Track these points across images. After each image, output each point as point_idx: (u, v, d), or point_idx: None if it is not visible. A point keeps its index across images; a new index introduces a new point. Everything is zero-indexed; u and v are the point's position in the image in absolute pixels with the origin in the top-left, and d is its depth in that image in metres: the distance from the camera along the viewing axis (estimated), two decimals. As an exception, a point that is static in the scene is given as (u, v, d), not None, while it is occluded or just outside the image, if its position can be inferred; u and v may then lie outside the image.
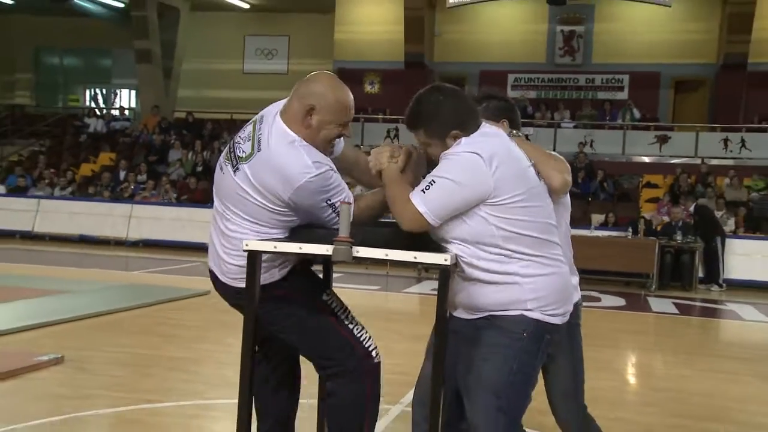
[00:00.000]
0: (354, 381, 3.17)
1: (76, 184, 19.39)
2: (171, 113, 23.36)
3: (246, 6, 23.94)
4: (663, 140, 19.34)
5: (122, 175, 19.45)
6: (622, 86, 21.76)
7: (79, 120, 24.28)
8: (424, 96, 2.97)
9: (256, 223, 3.10)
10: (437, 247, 2.92)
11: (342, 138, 3.27)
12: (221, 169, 3.24)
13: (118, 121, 24.70)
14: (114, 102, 28.20)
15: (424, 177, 2.91)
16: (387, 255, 2.88)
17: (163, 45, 23.57)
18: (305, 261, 3.25)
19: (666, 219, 14.98)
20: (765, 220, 15.44)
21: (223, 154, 3.27)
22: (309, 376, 3.54)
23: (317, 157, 3.05)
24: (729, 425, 5.40)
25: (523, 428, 3.08)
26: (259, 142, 3.10)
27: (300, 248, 2.97)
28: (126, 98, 27.90)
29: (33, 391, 5.28)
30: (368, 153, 3.16)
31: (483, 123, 2.98)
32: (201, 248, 11.11)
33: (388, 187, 2.95)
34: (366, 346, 3.21)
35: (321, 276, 3.48)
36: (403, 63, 21.77)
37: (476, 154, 2.79)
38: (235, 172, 3.13)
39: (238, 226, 3.14)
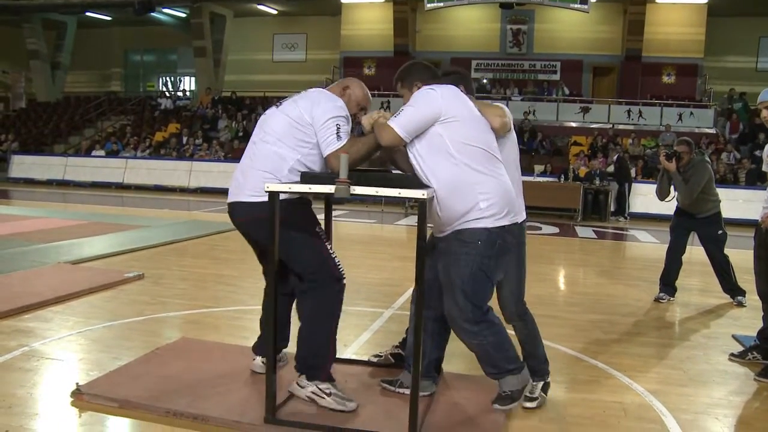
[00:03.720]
0: (328, 290, 3.12)
1: (152, 148, 19.29)
2: (219, 93, 23.10)
3: (274, 12, 23.70)
4: (585, 110, 19.32)
5: (184, 139, 19.38)
6: (556, 70, 21.50)
7: (154, 100, 24.15)
8: (406, 64, 3.30)
9: (280, 141, 3.10)
10: (417, 186, 2.87)
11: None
12: (265, 114, 3.31)
13: (182, 100, 24.64)
14: (179, 86, 27.94)
15: None
16: (377, 191, 2.82)
17: (214, 43, 23.40)
18: (306, 201, 3.21)
19: (584, 168, 14.94)
20: (656, 169, 15.48)
21: (268, 109, 3.35)
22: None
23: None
24: (629, 316, 5.42)
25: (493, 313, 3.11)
26: (305, 91, 3.26)
27: (310, 188, 2.89)
28: (187, 83, 27.58)
29: (124, 299, 5.26)
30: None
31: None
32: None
33: (377, 125, 3.03)
34: (340, 270, 3.17)
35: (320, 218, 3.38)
36: (392, 52, 21.57)
37: (431, 89, 3.00)
38: (278, 107, 3.24)
39: (267, 143, 3.14)
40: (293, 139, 3.09)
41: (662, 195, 5.99)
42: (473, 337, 3.01)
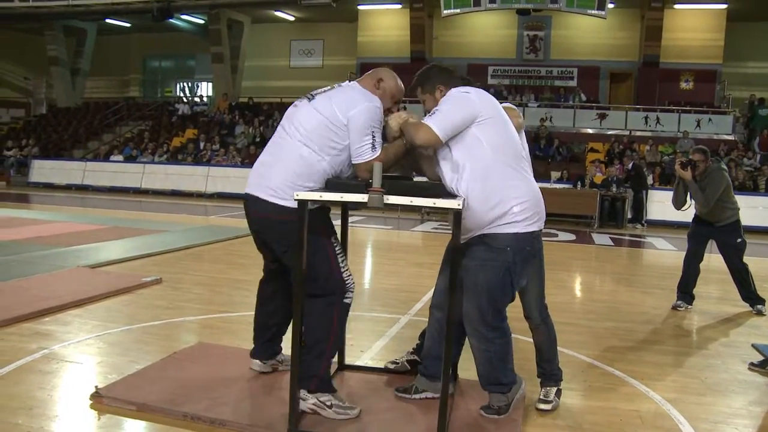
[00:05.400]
0: (329, 303, 3.06)
1: (169, 153, 19.42)
2: (237, 99, 23.28)
3: (292, 18, 23.85)
4: (602, 117, 19.25)
5: (202, 145, 19.52)
6: (573, 76, 21.48)
7: (171, 106, 24.33)
8: (423, 68, 3.24)
9: (310, 140, 3.00)
10: (449, 195, 2.87)
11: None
12: (295, 105, 3.19)
13: (199, 105, 24.80)
14: (196, 92, 28.14)
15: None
16: (411, 201, 2.76)
17: (232, 49, 23.61)
18: (325, 207, 3.14)
19: (599, 175, 14.87)
20: (673, 176, 15.36)
21: (298, 100, 3.23)
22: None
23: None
24: (646, 324, 5.38)
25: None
26: (339, 84, 3.17)
27: (342, 197, 2.82)
28: (205, 89, 27.82)
29: (141, 303, 5.30)
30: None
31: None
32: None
33: (410, 124, 2.98)
34: (347, 284, 3.09)
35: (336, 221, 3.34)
36: (409, 59, 21.58)
37: (465, 91, 2.98)
38: (310, 100, 3.11)
39: (295, 139, 3.04)
40: (323, 139, 2.99)
41: (678, 204, 5.91)
42: (484, 341, 3.02)
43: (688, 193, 5.79)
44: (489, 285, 2.95)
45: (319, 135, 3.00)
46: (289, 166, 3.02)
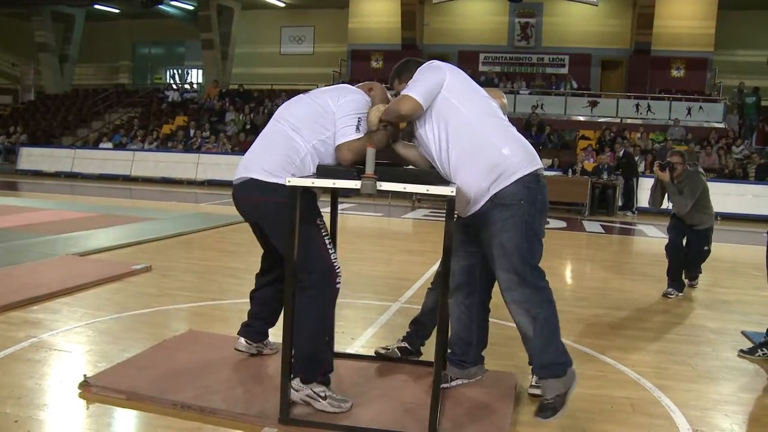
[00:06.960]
0: (321, 289, 3.00)
1: (159, 140, 19.32)
2: (227, 85, 23.17)
3: (282, 5, 23.75)
4: (593, 104, 19.28)
5: (192, 132, 19.41)
6: (564, 64, 21.50)
7: (161, 93, 24.18)
8: (400, 62, 3.31)
9: (299, 126, 3.06)
10: (443, 183, 2.83)
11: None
12: (291, 99, 3.31)
13: (189, 92, 24.63)
14: (186, 79, 27.95)
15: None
16: (405, 188, 2.72)
17: (222, 36, 23.48)
18: (311, 193, 3.08)
19: (590, 162, 14.88)
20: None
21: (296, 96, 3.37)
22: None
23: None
24: (637, 311, 5.40)
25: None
26: (335, 85, 3.29)
27: (334, 183, 2.77)
28: (195, 76, 27.63)
29: (131, 291, 5.26)
30: None
31: None
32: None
33: (390, 103, 3.09)
34: (336, 271, 3.03)
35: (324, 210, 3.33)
36: (400, 45, 21.54)
37: (431, 61, 3.09)
38: (305, 93, 3.24)
39: (284, 125, 3.10)
40: (314, 125, 3.04)
41: (655, 204, 6.17)
42: (530, 306, 2.86)
43: (665, 195, 5.99)
44: (516, 243, 2.85)
45: (310, 121, 3.06)
46: (280, 148, 3.05)
